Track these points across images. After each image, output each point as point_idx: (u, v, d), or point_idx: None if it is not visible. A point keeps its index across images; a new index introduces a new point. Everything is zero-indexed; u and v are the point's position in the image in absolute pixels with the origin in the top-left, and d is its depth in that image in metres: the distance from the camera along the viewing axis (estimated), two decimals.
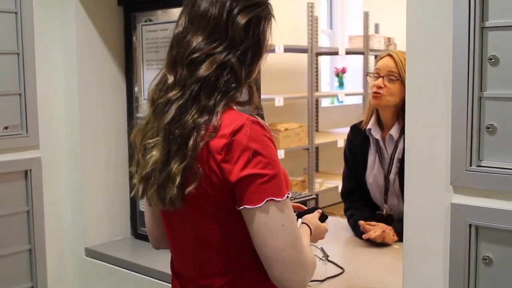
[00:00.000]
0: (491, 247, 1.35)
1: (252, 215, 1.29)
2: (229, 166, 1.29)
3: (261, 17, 1.40)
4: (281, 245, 1.29)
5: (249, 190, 1.28)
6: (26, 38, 2.46)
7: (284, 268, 1.30)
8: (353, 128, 2.69)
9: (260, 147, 1.29)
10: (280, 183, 1.31)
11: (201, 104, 1.32)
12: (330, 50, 6.33)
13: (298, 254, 1.31)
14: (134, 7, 2.68)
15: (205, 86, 1.33)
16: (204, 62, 1.34)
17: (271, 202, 1.28)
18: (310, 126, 5.40)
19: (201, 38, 1.35)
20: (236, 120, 1.31)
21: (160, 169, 1.34)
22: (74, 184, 2.69)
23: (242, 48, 1.36)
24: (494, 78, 1.31)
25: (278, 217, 1.29)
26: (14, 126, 2.47)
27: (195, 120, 1.31)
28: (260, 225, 1.29)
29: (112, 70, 2.72)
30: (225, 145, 1.29)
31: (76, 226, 2.70)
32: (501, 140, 1.32)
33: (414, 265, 1.47)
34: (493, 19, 1.30)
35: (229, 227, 1.37)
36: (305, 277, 1.34)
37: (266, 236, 1.29)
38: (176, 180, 1.31)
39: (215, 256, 1.41)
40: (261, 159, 1.28)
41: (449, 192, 1.39)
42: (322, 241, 2.38)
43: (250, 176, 1.27)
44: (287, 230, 1.29)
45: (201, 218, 1.38)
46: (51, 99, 2.62)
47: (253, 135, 1.29)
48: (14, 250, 2.54)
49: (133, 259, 2.49)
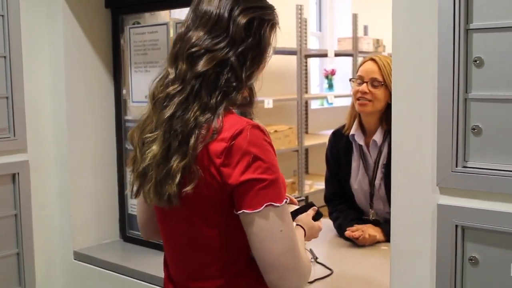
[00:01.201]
0: (477, 247, 1.36)
1: (251, 219, 1.29)
2: (228, 170, 1.28)
3: (264, 20, 1.41)
4: (279, 251, 1.29)
5: (248, 195, 1.28)
6: (13, 41, 2.45)
7: (281, 273, 1.30)
8: (335, 133, 2.66)
9: (260, 152, 1.29)
10: (280, 188, 1.31)
11: (203, 101, 1.32)
12: (319, 52, 6.35)
13: (295, 259, 1.31)
14: (121, 9, 2.67)
15: (205, 82, 1.33)
16: (203, 57, 1.34)
17: (270, 207, 1.28)
18: (299, 128, 5.41)
19: (202, 33, 1.36)
20: (236, 124, 1.31)
21: (159, 164, 1.34)
22: (62, 187, 2.68)
23: (242, 48, 1.36)
24: (479, 79, 1.32)
25: (276, 222, 1.29)
26: (2, 130, 2.46)
27: (196, 118, 1.31)
28: (258, 230, 1.28)
29: (100, 72, 2.71)
30: (225, 149, 1.28)
31: (65, 229, 2.69)
32: (487, 141, 1.33)
33: (402, 265, 1.48)
34: (478, 21, 1.31)
35: (226, 231, 1.37)
36: (301, 282, 1.34)
37: (264, 241, 1.29)
38: (176, 178, 1.30)
39: (210, 260, 1.40)
40: (261, 164, 1.28)
41: (435, 193, 1.40)
42: (311, 242, 2.39)
43: (249, 181, 1.27)
44: (285, 236, 1.30)
45: (197, 220, 1.38)
46: (38, 102, 2.61)
47: (253, 140, 1.29)
48: (2, 254, 2.52)
49: (122, 262, 2.48)
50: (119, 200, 2.78)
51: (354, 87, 2.48)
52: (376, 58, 2.44)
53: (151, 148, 1.36)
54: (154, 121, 1.38)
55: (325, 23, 7.11)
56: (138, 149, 1.42)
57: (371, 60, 2.45)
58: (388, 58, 2.45)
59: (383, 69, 2.39)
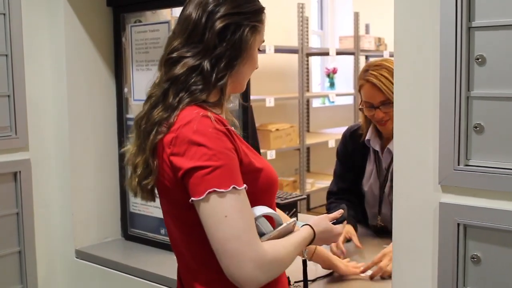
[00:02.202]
0: (479, 245, 1.36)
1: (198, 207, 1.30)
2: (177, 159, 1.34)
3: (241, 25, 1.43)
4: (224, 238, 1.27)
5: (193, 183, 1.29)
6: (14, 39, 2.45)
7: (230, 261, 1.27)
8: (352, 133, 2.61)
9: (205, 140, 1.30)
10: (227, 174, 1.29)
11: (168, 101, 1.40)
12: (321, 51, 6.35)
13: (243, 247, 1.27)
14: (123, 8, 2.67)
15: (174, 85, 1.41)
16: (178, 63, 1.42)
17: (213, 193, 1.27)
18: (301, 127, 5.41)
19: (179, 39, 1.44)
20: (187, 116, 1.36)
21: (132, 161, 1.46)
22: (64, 186, 2.68)
23: (216, 53, 1.41)
24: (481, 77, 1.32)
25: (220, 208, 1.27)
26: (3, 128, 2.46)
27: (160, 116, 1.40)
28: (204, 217, 1.29)
29: (101, 71, 2.71)
30: (173, 138, 1.35)
31: (66, 227, 2.69)
32: (489, 139, 1.32)
33: (403, 264, 1.48)
34: (480, 19, 1.31)
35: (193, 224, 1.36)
36: (254, 272, 1.27)
37: (211, 228, 1.28)
38: (137, 172, 1.42)
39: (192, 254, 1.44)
40: (206, 151, 1.29)
41: (437, 191, 1.39)
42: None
43: (194, 169, 1.29)
44: (231, 221, 1.27)
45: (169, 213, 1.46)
46: (40, 100, 2.61)
47: (200, 128, 1.32)
48: (4, 252, 2.52)
49: (123, 261, 2.48)
50: (120, 198, 2.78)
51: (367, 112, 2.41)
52: (372, 80, 2.34)
53: (128, 147, 1.51)
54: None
55: (326, 21, 7.11)
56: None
57: (369, 83, 2.36)
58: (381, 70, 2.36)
59: (384, 88, 2.30)
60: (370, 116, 2.40)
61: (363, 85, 2.39)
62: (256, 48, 1.49)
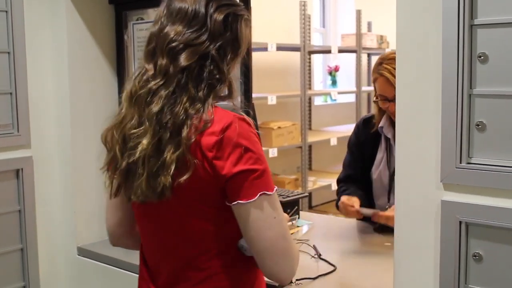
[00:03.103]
0: (481, 243, 1.36)
1: (246, 209, 1.33)
2: (220, 162, 1.31)
3: (237, 15, 1.43)
4: (275, 236, 1.34)
5: (243, 186, 1.31)
6: (17, 37, 2.45)
7: (278, 258, 1.35)
8: (366, 120, 2.64)
9: (249, 143, 1.32)
10: (270, 177, 1.36)
11: (191, 94, 1.34)
12: (323, 49, 6.35)
13: (289, 244, 1.38)
14: (125, 5, 2.67)
15: (191, 76, 1.35)
16: (183, 52, 1.36)
17: (264, 196, 1.33)
18: (303, 125, 5.41)
19: (180, 28, 1.38)
20: (224, 118, 1.34)
21: (150, 157, 1.33)
22: (66, 183, 2.68)
23: (221, 42, 1.39)
24: (483, 75, 1.32)
25: (270, 210, 1.34)
26: (5, 125, 2.46)
27: (186, 110, 1.32)
28: (254, 218, 1.33)
29: (103, 68, 2.71)
30: (216, 142, 1.31)
31: (68, 225, 2.70)
32: (491, 137, 1.32)
33: (405, 262, 1.48)
34: (482, 17, 1.31)
35: (215, 223, 1.40)
36: (294, 267, 1.40)
37: (260, 229, 1.33)
38: (171, 168, 1.30)
39: (198, 251, 1.42)
40: (252, 155, 1.32)
41: (439, 189, 1.39)
42: (315, 239, 2.40)
43: (242, 172, 1.31)
44: (279, 222, 1.35)
45: (186, 212, 1.40)
46: (42, 98, 2.61)
47: (242, 132, 1.32)
48: (6, 249, 2.53)
49: (125, 258, 2.48)
50: None
51: (381, 104, 2.43)
52: (385, 75, 2.36)
53: (141, 142, 1.34)
54: (136, 118, 1.38)
55: (328, 19, 7.10)
56: (117, 147, 1.41)
57: (382, 77, 2.38)
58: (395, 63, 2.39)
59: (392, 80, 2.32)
60: (385, 108, 2.43)
61: (377, 79, 2.42)
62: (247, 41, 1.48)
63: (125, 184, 1.41)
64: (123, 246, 1.71)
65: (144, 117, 1.35)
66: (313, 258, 2.19)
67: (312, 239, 2.40)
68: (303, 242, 2.35)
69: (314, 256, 2.20)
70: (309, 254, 2.23)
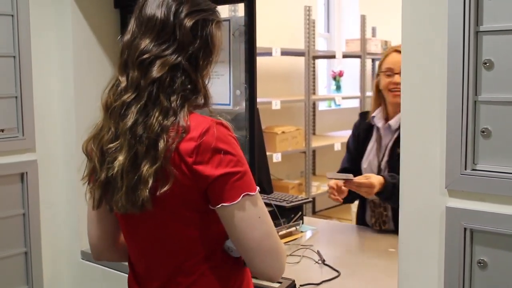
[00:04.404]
0: (486, 250, 1.35)
1: (230, 211, 1.34)
2: (201, 167, 1.32)
3: (207, 20, 1.43)
4: (260, 236, 1.36)
5: (225, 188, 1.33)
6: (22, 41, 2.45)
7: (265, 257, 1.37)
8: (362, 114, 2.80)
9: (228, 147, 1.33)
10: (251, 178, 1.37)
11: (163, 106, 1.34)
12: (327, 54, 6.34)
13: (275, 242, 1.39)
14: (130, 9, 2.65)
15: (162, 87, 1.36)
16: (154, 64, 1.36)
17: (247, 197, 1.34)
18: (307, 129, 5.41)
19: (148, 40, 1.38)
20: (201, 123, 1.34)
21: (128, 172, 1.34)
22: (70, 187, 2.68)
23: (192, 50, 1.39)
24: (488, 82, 1.32)
25: (254, 210, 1.35)
26: (10, 129, 2.47)
27: (160, 123, 1.33)
28: (238, 220, 1.34)
29: (108, 72, 2.71)
30: (195, 147, 1.32)
31: (72, 229, 2.70)
32: (496, 143, 1.32)
33: (409, 268, 1.48)
34: (488, 23, 1.31)
35: (200, 227, 1.41)
36: (282, 264, 1.41)
37: (245, 229, 1.35)
38: (149, 183, 1.31)
39: (185, 256, 1.43)
40: (232, 158, 1.33)
41: (444, 195, 1.39)
42: (319, 244, 2.40)
43: (224, 175, 1.32)
44: (263, 221, 1.37)
45: (170, 220, 1.40)
46: (47, 101, 2.62)
47: (220, 136, 1.33)
48: (10, 252, 2.53)
49: None
50: None
51: (384, 79, 2.55)
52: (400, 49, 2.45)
53: (117, 158, 1.36)
54: (112, 131, 1.39)
55: (333, 24, 7.10)
56: (96, 159, 1.42)
57: (396, 52, 2.51)
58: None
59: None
60: (386, 84, 2.52)
61: (389, 54, 2.56)
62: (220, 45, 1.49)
63: (105, 196, 1.43)
64: (107, 260, 1.71)
65: (119, 130, 1.37)
66: (317, 264, 2.18)
67: (316, 245, 2.40)
68: (307, 247, 2.35)
69: (318, 261, 2.20)
70: (313, 259, 2.23)
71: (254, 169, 2.29)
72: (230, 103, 2.34)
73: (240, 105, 2.32)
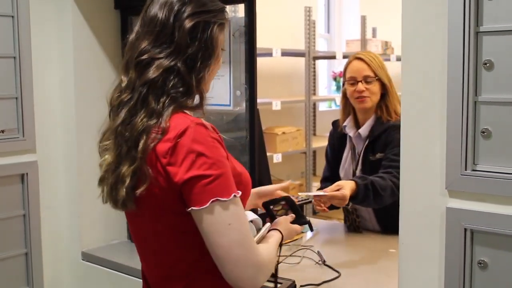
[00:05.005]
0: (486, 251, 1.35)
1: (200, 216, 1.31)
2: (174, 169, 1.31)
3: (209, 22, 1.42)
4: (228, 244, 1.30)
5: (194, 192, 1.29)
6: (22, 42, 2.46)
7: (234, 266, 1.30)
8: (334, 123, 2.83)
9: (204, 149, 1.30)
10: (226, 182, 1.32)
11: (150, 107, 1.35)
12: (328, 54, 6.33)
13: (246, 252, 1.31)
14: (131, 10, 2.68)
15: (152, 89, 1.36)
16: (151, 65, 1.37)
17: (217, 202, 1.29)
18: (307, 130, 5.40)
19: (147, 41, 1.39)
20: (180, 124, 1.33)
21: (112, 170, 1.38)
22: (71, 188, 2.68)
23: (189, 53, 1.38)
24: (489, 82, 1.32)
25: (224, 216, 1.30)
26: (11, 130, 2.47)
27: (144, 123, 1.34)
28: (207, 225, 1.30)
29: (109, 73, 2.72)
30: (170, 148, 1.31)
31: (73, 229, 2.70)
32: (496, 144, 1.32)
33: (410, 269, 1.47)
34: (488, 24, 1.31)
35: (185, 230, 1.38)
36: (256, 276, 1.33)
37: (213, 235, 1.30)
38: (126, 182, 1.34)
39: (173, 260, 1.42)
40: (206, 160, 1.30)
41: (444, 196, 1.39)
42: (319, 245, 2.40)
43: (194, 178, 1.29)
44: (234, 229, 1.30)
45: (154, 221, 1.41)
46: (47, 102, 2.62)
47: (197, 137, 1.31)
48: (11, 253, 2.53)
49: (129, 263, 2.48)
50: None
51: (348, 88, 2.59)
52: (361, 56, 2.57)
53: (105, 157, 1.42)
54: (110, 129, 1.43)
55: (333, 25, 7.10)
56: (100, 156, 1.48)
57: (357, 59, 2.57)
58: (371, 53, 2.62)
59: (372, 64, 2.54)
60: (351, 93, 2.57)
61: (351, 62, 2.60)
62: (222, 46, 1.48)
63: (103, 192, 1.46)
64: None
65: (111, 129, 1.40)
66: (317, 264, 2.18)
67: (316, 245, 2.39)
68: (307, 248, 2.35)
69: (318, 262, 2.20)
70: (313, 260, 2.23)
71: (255, 169, 2.29)
72: (230, 104, 2.34)
73: (240, 106, 2.32)
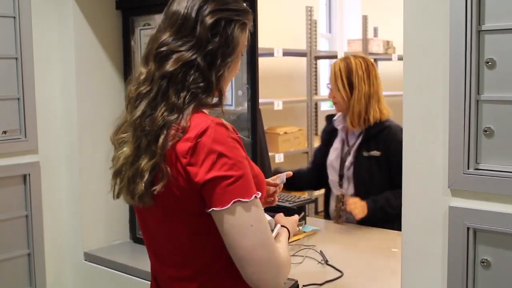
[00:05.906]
0: (489, 250, 1.35)
1: (221, 217, 1.29)
2: (194, 169, 1.29)
3: (231, 20, 1.41)
4: (251, 245, 1.29)
5: (215, 192, 1.28)
6: (24, 42, 2.46)
7: (256, 268, 1.30)
8: (327, 117, 3.04)
9: (224, 149, 1.29)
10: (247, 183, 1.31)
11: (171, 101, 1.34)
12: (329, 54, 6.33)
13: (269, 253, 1.31)
14: (132, 11, 2.68)
15: (172, 82, 1.35)
16: (170, 58, 1.36)
17: (238, 203, 1.28)
18: (309, 130, 5.40)
19: (168, 33, 1.38)
20: (201, 123, 1.32)
21: (131, 163, 1.36)
22: (73, 188, 2.69)
23: (209, 49, 1.37)
24: (491, 81, 1.32)
25: (246, 217, 1.29)
26: (13, 131, 2.47)
27: (164, 118, 1.33)
28: (229, 226, 1.29)
29: (110, 74, 2.72)
30: (190, 148, 1.29)
31: (75, 230, 2.70)
32: (499, 143, 1.32)
33: (413, 268, 1.47)
34: (490, 22, 1.30)
35: (201, 231, 1.37)
36: (277, 277, 1.33)
37: (235, 237, 1.29)
38: (145, 177, 1.32)
39: (184, 262, 1.41)
40: (227, 161, 1.28)
41: (447, 195, 1.39)
42: (321, 244, 2.40)
43: (216, 179, 1.28)
44: (256, 230, 1.29)
45: (169, 220, 1.39)
46: (49, 103, 2.62)
47: (217, 137, 1.29)
48: (13, 254, 2.54)
49: (132, 263, 2.48)
50: None
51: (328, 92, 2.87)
52: (335, 62, 2.79)
53: (123, 149, 1.39)
54: (126, 122, 1.41)
55: (335, 24, 7.10)
56: (114, 149, 1.45)
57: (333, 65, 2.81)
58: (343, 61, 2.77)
59: (332, 73, 2.75)
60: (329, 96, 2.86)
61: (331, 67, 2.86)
62: (243, 48, 1.47)
63: (117, 185, 1.44)
64: None
65: (130, 122, 1.38)
66: (319, 264, 2.18)
67: (318, 245, 2.39)
68: (310, 248, 2.35)
69: (320, 262, 2.20)
70: (316, 260, 2.23)
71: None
72: (232, 104, 2.34)
73: (242, 106, 2.32)
